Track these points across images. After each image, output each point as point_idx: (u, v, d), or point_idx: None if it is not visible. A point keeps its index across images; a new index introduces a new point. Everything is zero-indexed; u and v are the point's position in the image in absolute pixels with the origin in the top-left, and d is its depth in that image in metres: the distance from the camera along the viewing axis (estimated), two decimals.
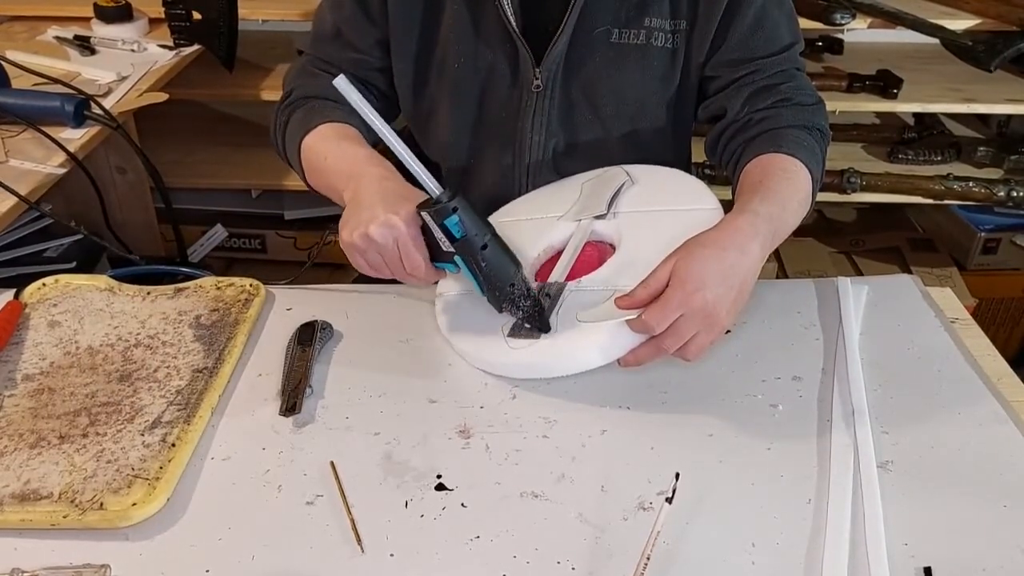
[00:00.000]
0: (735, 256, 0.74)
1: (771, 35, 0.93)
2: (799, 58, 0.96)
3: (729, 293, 0.73)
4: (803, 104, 0.93)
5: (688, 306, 0.72)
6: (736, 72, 0.94)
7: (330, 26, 0.99)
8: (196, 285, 0.95)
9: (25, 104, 1.18)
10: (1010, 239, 1.89)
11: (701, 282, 0.72)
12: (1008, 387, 0.82)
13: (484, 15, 0.93)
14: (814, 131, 0.91)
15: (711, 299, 0.72)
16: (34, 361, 0.84)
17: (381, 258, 0.79)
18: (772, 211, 0.79)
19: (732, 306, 0.74)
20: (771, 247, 0.79)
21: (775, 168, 0.85)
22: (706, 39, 0.93)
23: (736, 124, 0.94)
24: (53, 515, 0.67)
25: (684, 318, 0.72)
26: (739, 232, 0.76)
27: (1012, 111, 1.69)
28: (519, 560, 0.65)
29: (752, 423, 0.77)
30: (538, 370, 0.80)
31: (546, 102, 0.96)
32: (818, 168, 0.88)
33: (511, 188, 1.01)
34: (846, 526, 0.67)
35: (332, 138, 0.91)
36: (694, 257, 0.73)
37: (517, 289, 0.79)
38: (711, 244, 0.74)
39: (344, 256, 0.81)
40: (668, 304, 0.72)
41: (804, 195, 0.85)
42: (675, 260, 0.74)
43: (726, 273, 0.73)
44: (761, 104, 0.93)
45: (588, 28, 0.92)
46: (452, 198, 0.75)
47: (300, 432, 0.77)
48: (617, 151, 0.99)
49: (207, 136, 1.89)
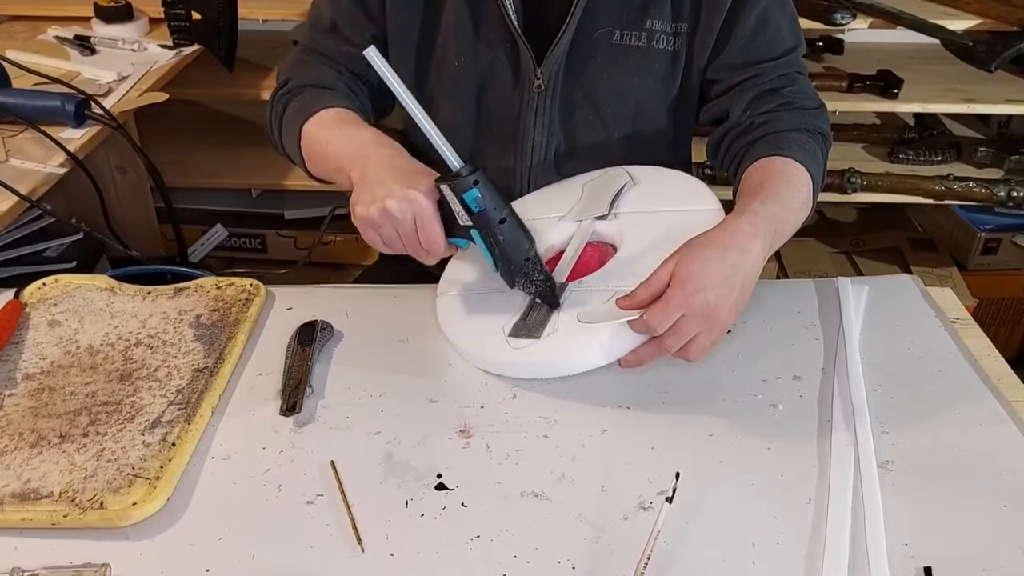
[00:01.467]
0: (736, 256, 0.74)
1: (773, 39, 0.93)
2: (801, 61, 0.97)
3: (731, 293, 0.73)
4: (805, 108, 0.93)
5: (689, 306, 0.72)
6: (738, 76, 0.94)
7: (327, 19, 0.98)
8: (196, 285, 0.95)
9: (25, 104, 1.18)
10: (1010, 239, 1.89)
11: (702, 282, 0.72)
12: (1008, 387, 0.82)
13: (486, 14, 0.93)
14: (815, 135, 0.91)
15: (712, 299, 0.72)
16: (34, 360, 0.84)
17: (397, 233, 0.78)
18: (773, 212, 0.79)
19: (733, 306, 0.74)
20: (772, 248, 0.79)
21: (776, 171, 0.85)
22: (708, 42, 0.93)
23: (738, 128, 0.94)
24: (53, 514, 0.67)
25: (685, 318, 0.72)
26: (740, 232, 0.76)
27: (1012, 111, 1.69)
28: (519, 560, 0.65)
29: (752, 423, 0.77)
30: (539, 370, 0.80)
31: (547, 102, 0.96)
32: (819, 171, 0.88)
33: (512, 188, 1.01)
34: (846, 526, 0.67)
35: (333, 123, 0.91)
36: (695, 257, 0.73)
37: (531, 264, 0.80)
38: (712, 244, 0.74)
39: (344, 256, 0.81)
40: (669, 304, 0.72)
41: (804, 197, 0.85)
42: (676, 260, 0.74)
43: (727, 273, 0.73)
44: (763, 108, 0.93)
45: (590, 29, 0.92)
46: (473, 172, 0.75)
47: (300, 432, 0.77)
48: (618, 152, 0.99)
49: (207, 136, 1.89)
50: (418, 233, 0.78)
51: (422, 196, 0.76)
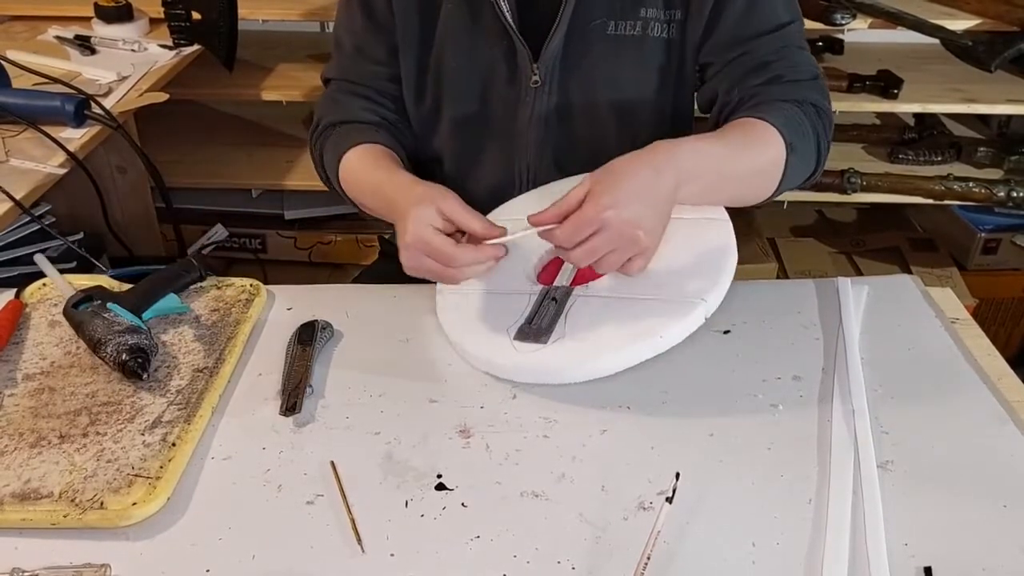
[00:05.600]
0: (649, 175, 0.76)
1: (764, 15, 0.92)
2: (798, 36, 0.94)
3: (645, 211, 0.75)
4: (797, 80, 0.91)
5: (601, 223, 0.73)
6: (728, 55, 0.93)
7: (349, 46, 1.01)
8: (196, 285, 0.95)
9: (25, 104, 1.18)
10: (1010, 239, 1.89)
11: (614, 200, 0.74)
12: (1008, 387, 0.82)
13: (480, 12, 0.93)
14: (805, 105, 0.89)
15: (626, 216, 0.74)
16: (35, 360, 0.84)
17: (429, 266, 0.80)
18: (707, 148, 0.81)
19: (651, 226, 0.76)
20: (699, 181, 0.80)
21: (738, 124, 0.86)
22: (700, 25, 0.92)
23: (729, 105, 0.93)
24: (53, 514, 0.67)
25: (597, 235, 0.74)
26: (656, 152, 0.78)
27: (1012, 111, 1.69)
28: (519, 560, 0.65)
29: (752, 423, 0.77)
30: (547, 376, 0.80)
31: (544, 98, 0.96)
32: (802, 139, 0.86)
33: (511, 184, 1.01)
34: (846, 526, 0.66)
35: (359, 169, 0.94)
36: (609, 175, 0.76)
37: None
38: (626, 163, 0.77)
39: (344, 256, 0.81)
40: (580, 220, 0.74)
41: (771, 155, 0.84)
42: (591, 179, 0.76)
43: (640, 192, 0.75)
44: (751, 82, 0.92)
45: (584, 21, 0.92)
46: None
47: (300, 432, 0.77)
48: (616, 144, 0.99)
49: (207, 136, 1.89)
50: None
51: (417, 231, 0.79)
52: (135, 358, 0.79)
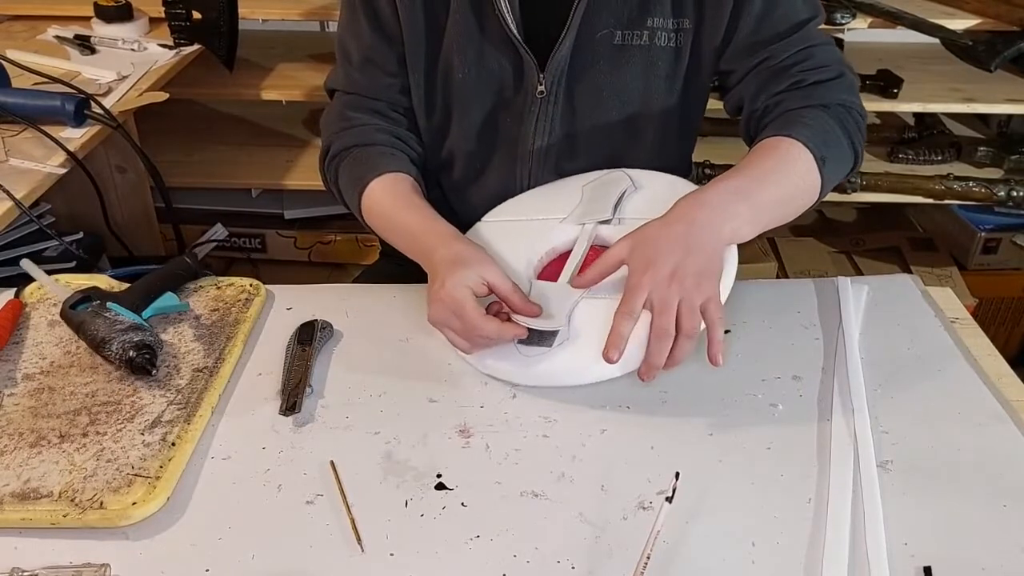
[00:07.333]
0: (681, 228, 0.77)
1: (783, 16, 0.91)
2: (817, 33, 0.93)
3: (685, 257, 0.75)
4: (819, 82, 0.91)
5: (652, 281, 0.74)
6: (750, 61, 0.92)
7: (357, 56, 0.98)
8: (196, 285, 0.95)
9: (25, 103, 1.18)
10: (1010, 239, 1.89)
11: (650, 260, 0.75)
12: (1008, 387, 0.82)
13: (486, 23, 0.92)
14: (833, 107, 0.89)
15: (670, 266, 0.75)
16: (34, 360, 0.84)
17: (462, 326, 0.79)
18: (730, 185, 0.81)
19: (701, 270, 0.76)
20: (736, 219, 0.79)
21: (760, 148, 0.86)
22: (717, 34, 0.92)
23: (755, 114, 0.93)
24: (53, 514, 0.67)
25: (655, 293, 0.74)
26: (679, 208, 0.80)
27: (1012, 111, 1.69)
28: (519, 559, 0.65)
29: (752, 423, 0.77)
30: (553, 379, 0.80)
31: (550, 107, 0.95)
32: (833, 146, 0.86)
33: (511, 190, 1.01)
34: (846, 526, 0.67)
35: (386, 205, 0.92)
36: (641, 240, 0.78)
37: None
38: (652, 226, 0.79)
39: (344, 255, 0.81)
40: (635, 288, 0.75)
41: (793, 168, 0.84)
42: (625, 249, 0.79)
43: (673, 243, 0.76)
44: (775, 89, 0.91)
45: (591, 31, 0.91)
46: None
47: (300, 431, 0.77)
48: (621, 153, 0.99)
49: (207, 136, 1.89)
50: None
51: (455, 292, 0.78)
52: (142, 354, 0.79)
